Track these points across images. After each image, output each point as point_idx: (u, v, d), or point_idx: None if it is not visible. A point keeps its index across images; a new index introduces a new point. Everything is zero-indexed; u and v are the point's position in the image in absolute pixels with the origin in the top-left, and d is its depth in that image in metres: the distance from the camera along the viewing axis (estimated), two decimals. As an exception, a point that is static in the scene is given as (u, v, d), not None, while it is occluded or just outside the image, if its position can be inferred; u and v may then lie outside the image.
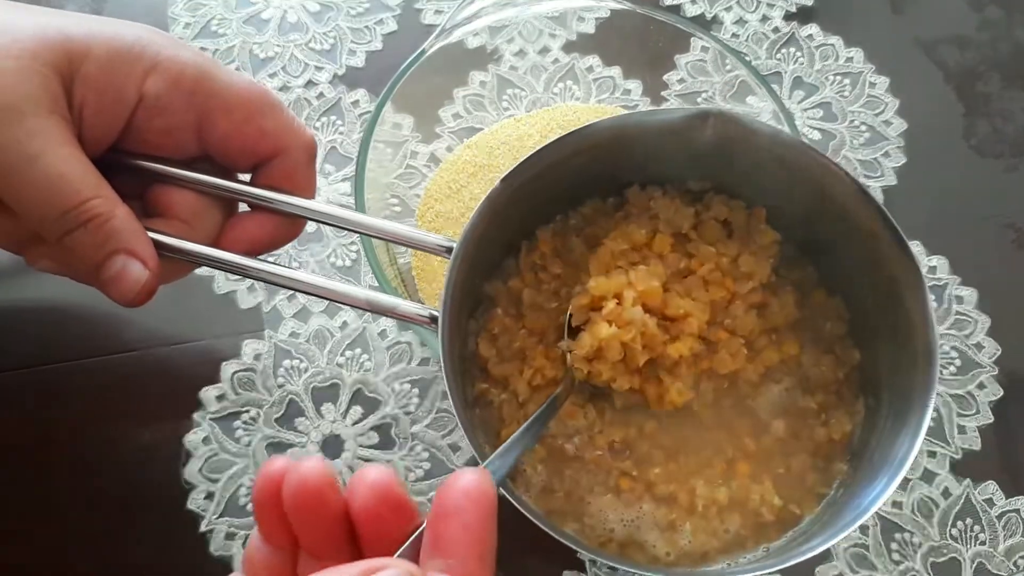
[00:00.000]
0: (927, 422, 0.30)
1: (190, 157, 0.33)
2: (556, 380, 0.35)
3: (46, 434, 0.44)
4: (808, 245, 0.37)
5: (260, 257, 0.34)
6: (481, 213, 0.32)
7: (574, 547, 0.29)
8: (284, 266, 0.34)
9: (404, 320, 0.32)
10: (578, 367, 0.34)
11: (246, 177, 0.35)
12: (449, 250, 0.32)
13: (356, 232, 0.35)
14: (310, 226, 0.50)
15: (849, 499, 0.32)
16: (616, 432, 0.35)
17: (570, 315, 0.35)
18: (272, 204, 0.33)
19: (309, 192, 0.34)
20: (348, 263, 0.49)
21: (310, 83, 0.55)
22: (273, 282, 0.33)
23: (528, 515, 0.29)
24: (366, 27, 0.58)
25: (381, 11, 0.59)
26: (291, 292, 0.48)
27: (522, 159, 0.33)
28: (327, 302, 0.48)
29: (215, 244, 0.34)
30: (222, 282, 0.49)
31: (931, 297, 0.32)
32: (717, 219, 0.37)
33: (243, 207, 0.36)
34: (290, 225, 0.34)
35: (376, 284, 0.40)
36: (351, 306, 0.33)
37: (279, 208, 0.34)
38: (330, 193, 0.51)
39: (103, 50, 0.30)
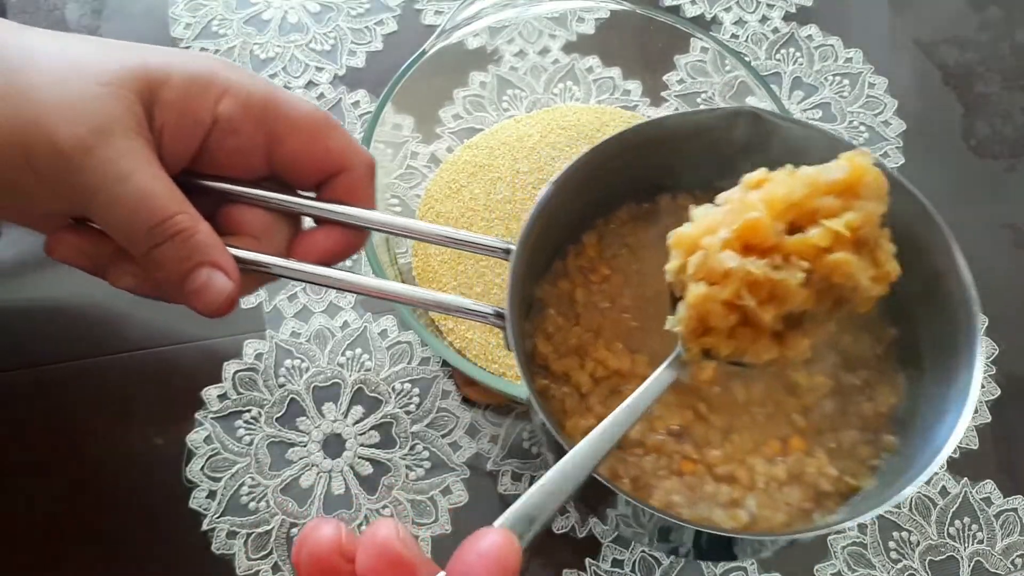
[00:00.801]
0: (978, 375, 0.30)
1: (257, 177, 0.35)
2: (620, 371, 0.36)
3: (48, 433, 0.45)
4: None
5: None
6: (535, 216, 0.33)
7: (668, 519, 0.29)
8: (351, 272, 0.35)
9: (470, 318, 0.33)
10: (688, 347, 0.29)
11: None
12: (507, 251, 0.34)
13: (417, 239, 0.36)
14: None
15: (907, 463, 0.32)
16: (673, 417, 0.35)
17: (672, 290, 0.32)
18: (338, 217, 0.35)
19: (371, 205, 0.36)
20: (348, 263, 0.50)
21: (311, 83, 0.56)
22: (344, 288, 0.34)
23: (633, 500, 0.29)
24: (366, 28, 0.58)
25: (381, 12, 0.59)
26: (292, 292, 0.48)
27: (570, 163, 0.34)
28: (328, 302, 0.48)
29: (286, 257, 0.35)
30: (223, 282, 0.49)
31: (961, 255, 0.32)
32: None
33: (307, 224, 0.37)
34: (356, 236, 0.36)
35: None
36: (421, 307, 0.34)
37: (344, 221, 0.35)
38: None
39: (180, 77, 0.32)
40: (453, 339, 0.45)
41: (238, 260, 0.33)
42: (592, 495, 0.29)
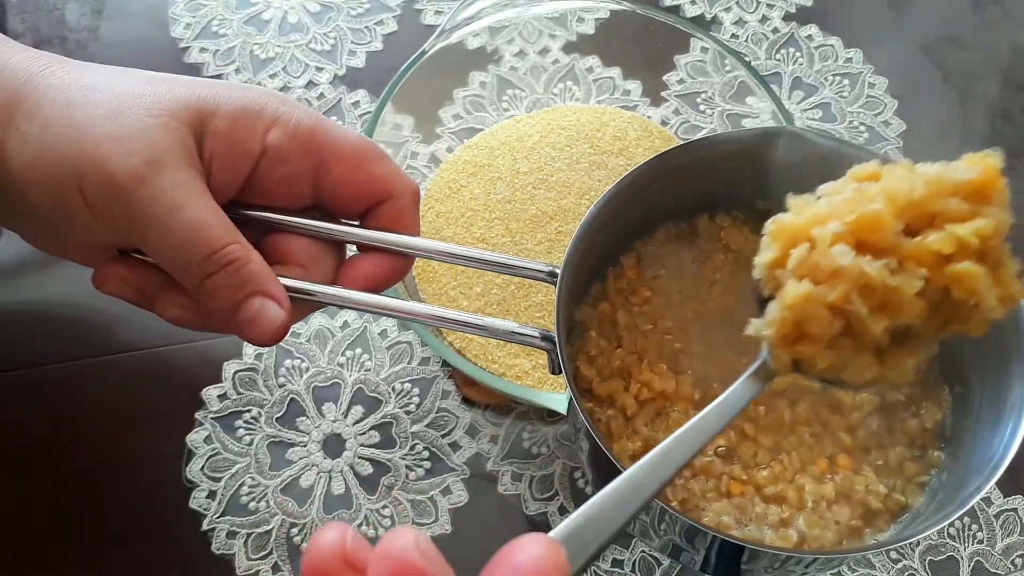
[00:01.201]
0: None
1: (303, 206, 0.35)
2: (665, 393, 0.36)
3: (48, 434, 0.45)
4: None
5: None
6: (579, 239, 0.34)
7: (727, 538, 0.30)
8: (403, 300, 0.36)
9: (517, 342, 0.34)
10: (776, 354, 0.25)
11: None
12: (551, 274, 0.34)
13: (464, 264, 0.36)
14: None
15: (959, 478, 0.32)
16: (719, 438, 0.35)
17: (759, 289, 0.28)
18: (383, 244, 0.36)
19: (416, 232, 0.36)
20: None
21: (311, 83, 0.56)
22: (393, 315, 0.35)
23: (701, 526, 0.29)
24: (366, 28, 0.58)
25: (381, 12, 0.59)
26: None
27: (613, 185, 0.35)
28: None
29: (333, 285, 0.35)
30: (223, 282, 0.49)
31: None
32: None
33: (351, 252, 0.37)
34: (401, 262, 0.36)
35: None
36: (468, 331, 0.35)
37: (389, 248, 0.36)
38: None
39: (230, 108, 0.33)
40: (453, 339, 0.45)
41: (287, 289, 0.33)
42: None
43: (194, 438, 0.44)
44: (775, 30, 0.59)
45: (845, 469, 0.35)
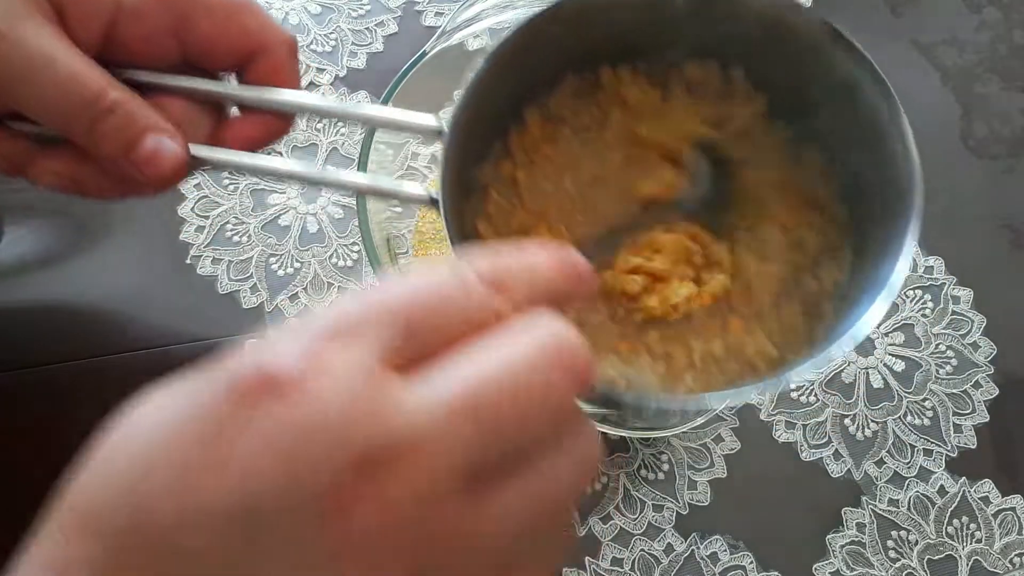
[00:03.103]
0: (902, 266, 0.30)
1: (173, 64, 0.34)
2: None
3: (49, 434, 0.45)
4: (786, 106, 0.37)
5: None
6: (468, 95, 0.33)
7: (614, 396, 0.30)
8: (279, 155, 0.35)
9: (406, 201, 0.33)
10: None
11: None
12: (439, 133, 0.33)
13: (346, 119, 0.35)
14: (312, 226, 0.50)
15: (837, 330, 0.32)
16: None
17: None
18: (265, 104, 0.34)
19: (296, 85, 0.35)
20: (350, 263, 0.50)
21: (312, 84, 0.56)
22: (274, 175, 0.34)
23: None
24: (367, 29, 0.58)
25: (382, 13, 0.59)
26: (293, 292, 0.48)
27: (504, 35, 0.34)
28: (328, 302, 0.48)
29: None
30: (225, 282, 0.49)
31: (908, 126, 0.33)
32: (690, 84, 0.37)
33: (233, 115, 0.36)
34: (281, 121, 0.36)
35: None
36: (355, 193, 0.33)
37: (271, 107, 0.35)
38: (332, 193, 0.52)
39: None
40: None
41: None
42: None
43: (195, 437, 0.44)
44: (774, 31, 0.59)
45: (737, 331, 0.35)
